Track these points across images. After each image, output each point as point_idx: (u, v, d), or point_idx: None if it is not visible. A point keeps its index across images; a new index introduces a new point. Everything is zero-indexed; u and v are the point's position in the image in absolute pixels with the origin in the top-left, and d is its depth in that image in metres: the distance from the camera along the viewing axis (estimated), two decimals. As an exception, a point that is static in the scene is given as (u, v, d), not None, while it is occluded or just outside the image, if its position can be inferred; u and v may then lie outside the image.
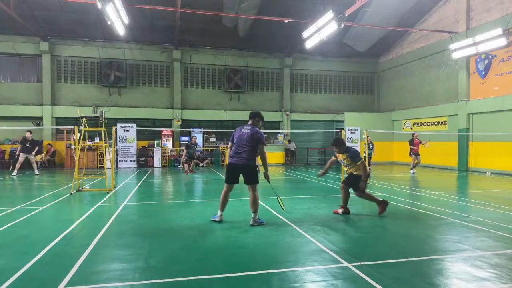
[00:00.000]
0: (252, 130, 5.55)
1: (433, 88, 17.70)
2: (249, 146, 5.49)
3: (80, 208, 6.93)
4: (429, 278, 3.45)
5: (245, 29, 17.45)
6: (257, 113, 5.80)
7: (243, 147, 5.50)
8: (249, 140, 5.48)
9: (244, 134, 5.56)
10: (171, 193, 9.30)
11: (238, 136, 5.59)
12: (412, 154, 14.45)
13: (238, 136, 5.59)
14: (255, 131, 5.54)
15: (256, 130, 5.57)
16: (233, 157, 5.59)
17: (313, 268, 3.69)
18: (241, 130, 5.63)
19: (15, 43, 17.13)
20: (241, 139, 5.54)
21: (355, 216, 6.18)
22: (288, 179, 12.61)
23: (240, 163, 5.52)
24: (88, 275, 3.45)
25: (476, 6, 15.07)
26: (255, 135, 5.50)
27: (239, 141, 5.55)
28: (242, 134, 5.57)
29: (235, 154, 5.56)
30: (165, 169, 16.36)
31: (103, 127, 9.08)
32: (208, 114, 19.60)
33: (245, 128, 5.63)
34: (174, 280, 3.39)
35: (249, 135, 5.50)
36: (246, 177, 5.61)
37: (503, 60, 13.98)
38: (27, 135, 13.15)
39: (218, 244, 4.55)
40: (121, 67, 17.97)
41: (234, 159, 5.58)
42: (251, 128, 5.58)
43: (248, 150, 5.49)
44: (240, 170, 5.59)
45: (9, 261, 3.83)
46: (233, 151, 5.61)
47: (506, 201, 7.84)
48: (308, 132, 20.50)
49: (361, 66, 21.77)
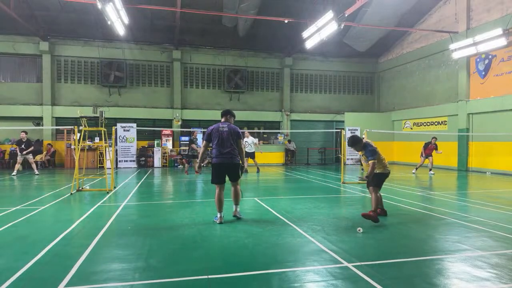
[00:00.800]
0: (229, 126, 5.72)
1: (433, 88, 17.71)
2: (232, 143, 5.66)
3: (80, 208, 6.93)
4: (429, 278, 3.45)
5: (245, 29, 17.45)
6: (229, 110, 5.97)
7: (228, 145, 5.64)
8: (230, 137, 5.65)
9: (224, 132, 5.66)
10: (171, 193, 9.30)
11: (218, 136, 5.66)
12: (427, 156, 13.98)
13: (217, 136, 5.66)
14: (233, 127, 5.74)
15: (233, 126, 5.78)
16: (219, 156, 5.67)
17: (313, 268, 3.69)
18: (218, 129, 5.70)
19: (15, 43, 17.13)
20: (222, 138, 5.65)
21: (355, 216, 6.17)
22: (288, 179, 12.61)
23: (229, 162, 5.67)
24: (88, 275, 3.45)
25: (476, 6, 15.07)
26: (234, 130, 5.71)
27: (221, 141, 5.64)
28: (221, 133, 5.66)
29: (221, 154, 5.65)
30: (165, 169, 16.36)
31: (103, 127, 9.08)
32: (208, 114, 19.59)
33: (221, 126, 5.73)
34: (174, 280, 3.39)
35: (228, 132, 5.66)
36: (233, 174, 5.78)
37: (503, 60, 13.98)
38: (21, 135, 13.13)
39: (218, 244, 4.55)
40: (121, 67, 17.98)
41: (221, 159, 5.66)
42: (227, 125, 5.73)
43: (233, 148, 5.68)
44: (229, 169, 5.72)
45: (9, 261, 3.84)
46: (218, 151, 5.67)
47: (506, 201, 7.84)
48: (308, 132, 20.51)
49: (361, 66, 21.77)
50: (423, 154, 14.14)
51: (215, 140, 5.67)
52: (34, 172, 13.42)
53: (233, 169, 5.73)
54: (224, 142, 5.63)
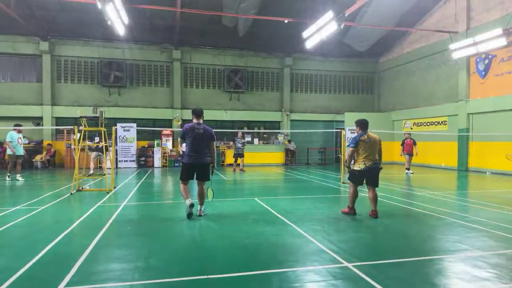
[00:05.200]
0: (204, 128, 5.92)
1: (433, 88, 17.70)
2: (206, 144, 5.88)
3: (80, 208, 6.93)
4: (429, 278, 3.45)
5: (245, 29, 17.44)
6: (201, 110, 6.14)
7: (201, 146, 5.84)
8: (205, 138, 5.87)
9: (199, 134, 5.85)
10: (171, 193, 9.29)
11: (193, 136, 5.83)
12: (406, 154, 14.43)
13: (193, 136, 5.83)
14: (208, 129, 5.96)
15: (208, 128, 5.99)
16: (192, 156, 5.85)
17: (313, 268, 3.69)
18: (193, 129, 5.86)
19: (15, 43, 17.12)
20: (197, 138, 5.83)
21: (354, 216, 6.17)
22: (288, 179, 12.61)
23: (199, 162, 5.86)
24: (88, 275, 3.45)
25: (476, 6, 15.07)
26: (209, 132, 5.93)
27: (195, 141, 5.83)
28: (197, 133, 5.84)
29: (195, 153, 5.84)
30: (165, 169, 16.36)
31: (103, 127, 9.08)
32: (208, 114, 19.45)
33: (197, 127, 5.89)
34: (174, 280, 3.39)
35: (203, 134, 5.87)
36: (203, 174, 5.97)
37: (503, 60, 13.98)
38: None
39: (218, 244, 4.55)
40: (121, 67, 17.97)
41: (193, 159, 5.85)
42: (203, 127, 5.93)
43: (207, 148, 5.89)
44: (199, 168, 5.91)
45: (9, 261, 3.83)
46: (191, 150, 5.85)
47: (506, 201, 7.83)
48: (308, 132, 20.49)
49: (361, 66, 21.77)
50: (403, 152, 14.42)
51: (189, 140, 5.85)
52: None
53: (202, 168, 5.94)
54: (197, 142, 5.84)
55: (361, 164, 5.90)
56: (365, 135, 5.99)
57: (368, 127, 6.13)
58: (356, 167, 5.99)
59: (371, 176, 5.98)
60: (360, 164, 5.92)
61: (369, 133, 6.08)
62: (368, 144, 5.91)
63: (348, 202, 6.16)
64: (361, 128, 6.10)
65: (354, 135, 6.06)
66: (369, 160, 5.89)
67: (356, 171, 5.98)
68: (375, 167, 5.94)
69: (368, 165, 5.87)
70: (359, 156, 5.96)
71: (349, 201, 6.12)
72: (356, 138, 5.98)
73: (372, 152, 5.93)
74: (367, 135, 6.00)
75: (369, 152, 5.91)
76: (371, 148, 5.92)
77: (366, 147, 5.91)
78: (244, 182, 11.76)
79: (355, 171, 6.00)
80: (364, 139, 5.93)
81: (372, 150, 5.94)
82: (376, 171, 5.97)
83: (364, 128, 6.08)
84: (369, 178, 5.99)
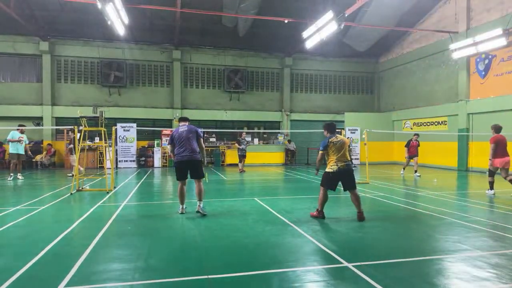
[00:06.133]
0: (188, 127, 6.25)
1: (433, 88, 17.70)
2: (192, 141, 6.10)
3: (80, 208, 6.93)
4: (429, 278, 3.45)
5: (245, 29, 17.44)
6: (187, 118, 6.54)
7: (187, 144, 6.08)
8: (190, 135, 6.11)
9: (183, 132, 6.13)
10: (171, 193, 9.29)
11: (178, 137, 6.14)
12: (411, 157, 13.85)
13: (177, 137, 6.15)
14: (191, 127, 6.27)
15: (192, 126, 6.30)
16: (180, 154, 6.12)
17: (313, 268, 3.69)
18: (178, 131, 6.19)
19: (15, 43, 17.12)
20: (182, 137, 6.11)
21: (355, 216, 6.17)
22: (288, 179, 12.61)
23: (188, 159, 6.07)
24: (88, 275, 3.45)
25: (476, 6, 15.07)
26: (192, 129, 6.22)
27: (180, 141, 6.11)
28: (181, 134, 6.13)
29: (181, 152, 6.10)
30: (165, 169, 16.35)
31: (103, 127, 9.08)
32: (208, 114, 19.60)
33: (181, 128, 6.21)
34: (174, 280, 3.39)
35: (188, 132, 6.14)
36: (195, 171, 6.18)
37: (503, 60, 13.98)
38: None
39: (218, 244, 4.55)
40: (121, 67, 17.96)
41: (180, 157, 6.11)
42: (187, 126, 6.26)
43: (192, 145, 6.10)
44: (189, 165, 6.12)
45: (9, 261, 3.84)
46: (178, 150, 6.14)
47: (506, 201, 7.83)
48: (308, 132, 20.48)
49: (361, 66, 21.76)
50: (406, 155, 13.94)
51: (177, 141, 6.16)
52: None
53: (193, 165, 6.14)
54: (184, 141, 6.10)
55: (334, 166, 5.95)
56: (334, 137, 6.05)
57: (336, 130, 6.24)
58: (329, 169, 6.03)
59: (347, 179, 5.99)
60: (333, 166, 5.96)
61: (337, 135, 6.16)
62: (337, 146, 5.98)
63: (317, 205, 6.11)
64: (329, 131, 6.20)
65: (323, 140, 6.09)
66: (341, 162, 5.94)
67: (330, 173, 6.01)
68: (348, 169, 5.99)
69: (340, 166, 5.90)
70: (331, 158, 6.02)
71: (318, 205, 6.07)
72: (325, 140, 6.04)
73: (343, 153, 6.00)
74: (335, 137, 6.06)
75: (340, 154, 5.97)
76: (341, 150, 5.99)
77: (336, 148, 5.97)
78: (244, 182, 11.76)
79: (328, 173, 6.03)
80: (333, 140, 6.00)
81: (343, 151, 6.00)
82: (350, 172, 6.01)
83: (332, 130, 6.18)
84: (345, 181, 6.00)
